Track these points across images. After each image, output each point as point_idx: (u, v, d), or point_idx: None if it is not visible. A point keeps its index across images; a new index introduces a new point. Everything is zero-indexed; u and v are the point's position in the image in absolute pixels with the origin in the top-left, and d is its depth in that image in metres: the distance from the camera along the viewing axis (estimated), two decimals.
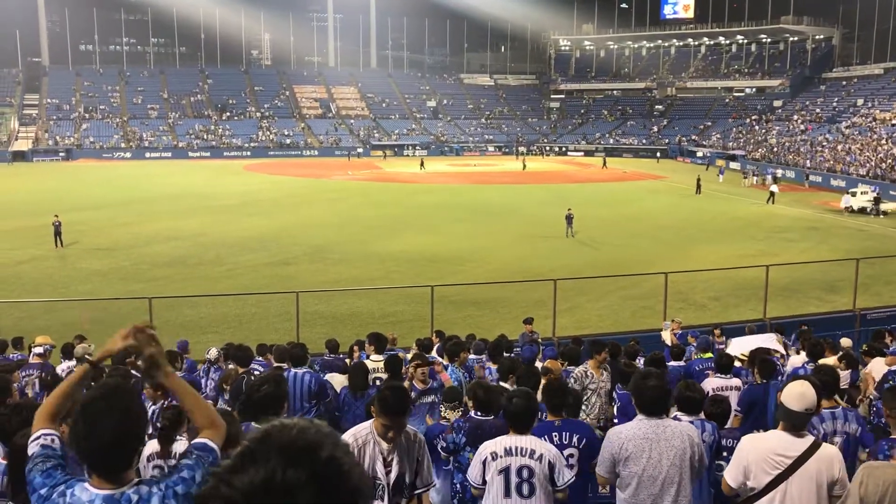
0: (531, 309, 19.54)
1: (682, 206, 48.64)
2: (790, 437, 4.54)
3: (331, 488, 1.37)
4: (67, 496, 2.85)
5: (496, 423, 6.24)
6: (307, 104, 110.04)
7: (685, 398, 6.19)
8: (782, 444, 4.52)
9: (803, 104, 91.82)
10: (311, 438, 1.42)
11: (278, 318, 20.17)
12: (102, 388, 2.95)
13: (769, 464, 4.49)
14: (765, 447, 4.57)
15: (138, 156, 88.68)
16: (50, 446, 3.05)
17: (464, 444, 6.12)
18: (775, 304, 20.63)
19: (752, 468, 4.55)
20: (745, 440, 4.77)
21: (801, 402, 4.55)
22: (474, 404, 6.43)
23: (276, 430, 1.43)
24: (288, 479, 1.34)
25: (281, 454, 1.38)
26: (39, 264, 29.08)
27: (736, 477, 4.61)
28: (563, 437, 5.92)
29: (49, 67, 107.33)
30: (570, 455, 5.83)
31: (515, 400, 5.32)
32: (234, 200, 48.45)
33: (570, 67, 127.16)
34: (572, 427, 6.06)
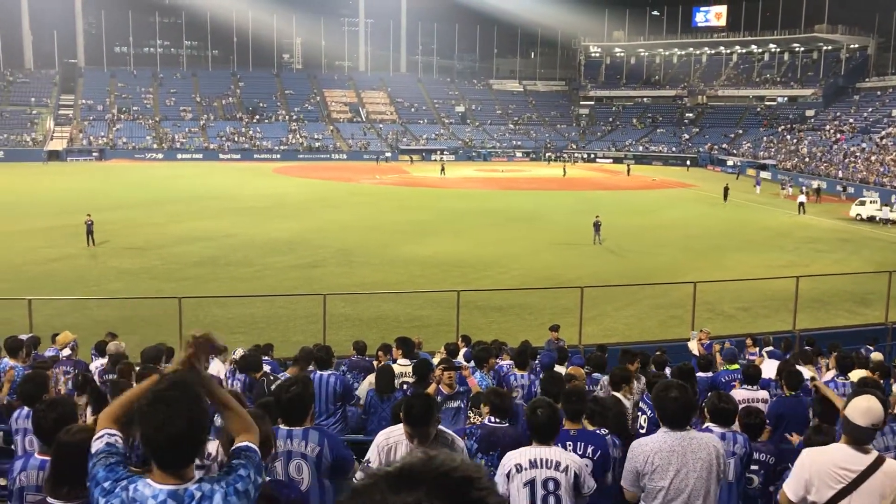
0: (557, 316, 19.51)
1: (712, 215, 48.23)
2: (854, 452, 4.48)
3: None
4: (130, 490, 2.91)
5: (509, 431, 6.23)
6: (337, 108, 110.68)
7: (718, 410, 6.13)
8: (846, 458, 4.45)
9: (836, 114, 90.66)
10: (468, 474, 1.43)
11: (305, 319, 20.30)
12: (172, 380, 3.02)
13: (833, 478, 4.42)
14: (828, 461, 4.50)
15: (170, 157, 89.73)
16: (114, 445, 3.13)
17: (476, 451, 6.12)
18: (805, 316, 20.40)
19: (814, 482, 4.47)
20: (806, 453, 4.68)
21: (866, 418, 4.48)
22: (490, 411, 6.46)
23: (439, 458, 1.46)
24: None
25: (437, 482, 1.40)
26: (72, 262, 29.52)
27: (796, 491, 4.53)
28: (578, 448, 5.79)
29: (84, 69, 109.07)
30: (585, 465, 5.79)
31: (540, 411, 5.25)
32: (264, 202, 48.84)
33: (600, 74, 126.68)
34: (588, 438, 5.96)
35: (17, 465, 4.79)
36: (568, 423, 5.93)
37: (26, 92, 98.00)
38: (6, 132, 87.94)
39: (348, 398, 8.83)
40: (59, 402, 4.93)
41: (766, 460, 6.66)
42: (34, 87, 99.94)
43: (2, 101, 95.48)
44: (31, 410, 6.24)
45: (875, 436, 4.74)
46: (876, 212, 46.79)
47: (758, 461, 6.57)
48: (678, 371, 9.86)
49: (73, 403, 5.20)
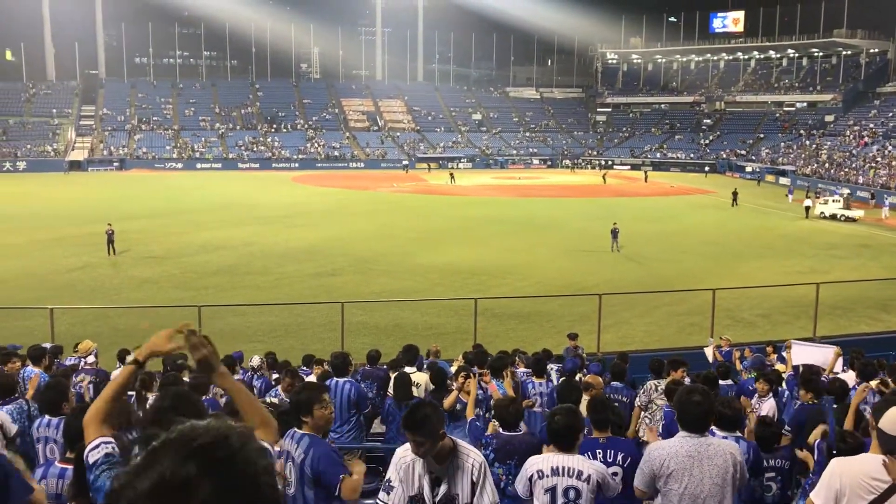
0: (575, 323, 19.45)
1: (730, 221, 47.94)
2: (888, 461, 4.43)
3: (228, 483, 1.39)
4: None
5: (525, 439, 6.24)
6: (354, 117, 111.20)
7: (719, 414, 6.12)
8: (878, 468, 4.41)
9: (856, 119, 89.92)
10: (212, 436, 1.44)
11: (323, 327, 20.38)
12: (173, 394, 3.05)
13: (864, 488, 4.36)
14: (859, 471, 4.43)
15: (189, 166, 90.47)
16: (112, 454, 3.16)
17: (492, 461, 6.13)
18: (825, 323, 20.21)
19: (845, 492, 4.41)
20: (836, 463, 4.61)
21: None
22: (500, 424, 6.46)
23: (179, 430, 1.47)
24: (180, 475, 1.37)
25: (177, 452, 1.40)
26: (92, 271, 29.81)
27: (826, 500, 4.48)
28: (608, 455, 5.83)
29: (105, 80, 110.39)
30: (615, 473, 5.77)
31: (558, 418, 5.25)
32: (282, 211, 49.10)
33: (617, 81, 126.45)
34: (617, 445, 5.99)
35: (38, 473, 4.84)
36: (596, 431, 5.94)
37: (48, 103, 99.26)
38: (29, 143, 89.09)
39: (362, 406, 8.85)
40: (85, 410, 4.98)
41: (781, 465, 6.60)
42: (56, 98, 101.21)
43: (24, 113, 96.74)
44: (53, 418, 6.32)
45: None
46: (837, 210, 49.49)
47: (774, 468, 6.52)
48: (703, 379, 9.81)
49: None
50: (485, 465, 4.73)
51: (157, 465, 1.39)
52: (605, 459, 5.78)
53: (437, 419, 4.56)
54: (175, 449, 1.41)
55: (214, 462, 1.40)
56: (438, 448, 4.58)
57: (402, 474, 4.73)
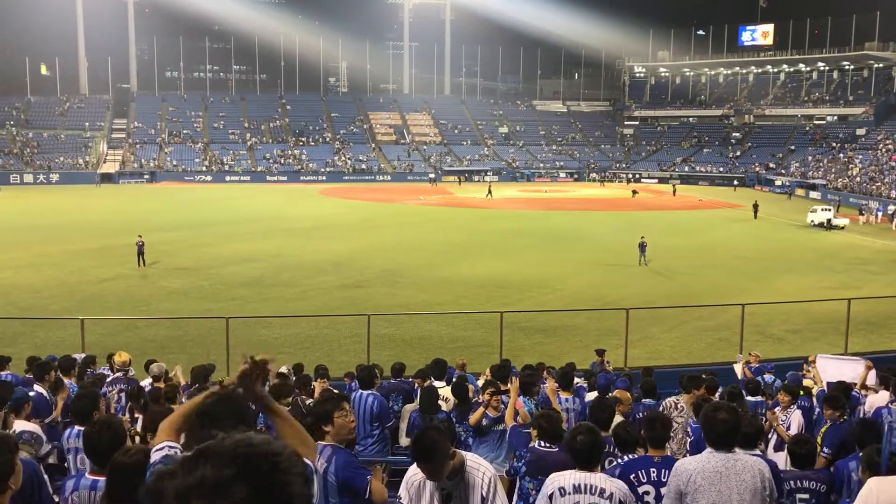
0: (602, 338, 19.34)
1: (759, 235, 47.45)
2: None
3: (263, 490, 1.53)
4: None
5: (560, 458, 6.18)
6: (382, 130, 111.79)
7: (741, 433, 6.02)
8: None
9: (888, 132, 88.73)
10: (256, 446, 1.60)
11: (350, 339, 20.43)
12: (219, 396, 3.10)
13: None
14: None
15: (218, 179, 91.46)
16: (172, 457, 3.21)
17: (524, 474, 6.09)
18: (857, 339, 19.92)
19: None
20: (872, 483, 4.56)
21: None
22: (538, 434, 6.40)
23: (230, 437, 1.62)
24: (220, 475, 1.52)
25: (222, 455, 1.56)
26: (123, 282, 30.16)
27: None
28: (662, 475, 5.68)
29: (137, 93, 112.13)
30: (646, 492, 5.71)
31: (580, 437, 5.22)
32: (309, 224, 49.39)
33: (644, 94, 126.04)
34: (671, 464, 5.91)
35: (69, 484, 4.88)
36: (652, 450, 5.86)
37: (81, 116, 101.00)
38: (62, 156, 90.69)
39: (385, 419, 8.81)
40: (112, 423, 5.02)
41: (817, 489, 6.47)
42: (88, 111, 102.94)
43: (58, 126, 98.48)
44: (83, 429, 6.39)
45: None
46: (822, 218, 51.03)
47: (808, 489, 6.39)
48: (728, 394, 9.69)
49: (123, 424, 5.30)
50: (495, 479, 4.70)
51: (202, 464, 1.54)
52: (658, 479, 5.68)
53: (443, 443, 4.53)
54: (220, 452, 1.57)
55: (253, 469, 1.55)
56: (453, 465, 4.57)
57: (412, 493, 4.73)
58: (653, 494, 5.68)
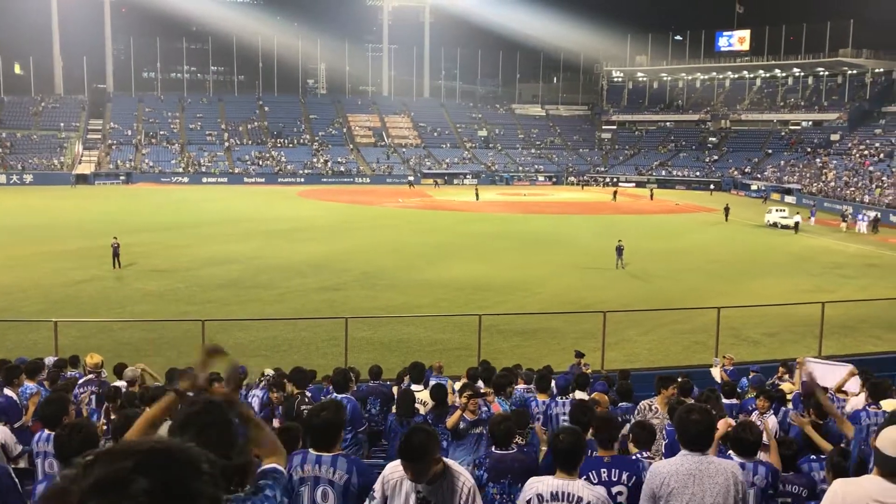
0: (580, 341, 19.40)
1: (736, 239, 47.88)
2: (888, 484, 4.38)
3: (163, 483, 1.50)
4: None
5: (518, 457, 6.20)
6: (360, 132, 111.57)
7: (739, 439, 6.04)
8: (881, 490, 4.35)
9: (862, 138, 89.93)
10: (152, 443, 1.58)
11: (327, 342, 20.34)
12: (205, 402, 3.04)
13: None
14: (862, 493, 4.39)
15: (195, 180, 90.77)
16: None
17: (486, 480, 6.07)
18: (831, 342, 20.14)
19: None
20: (839, 485, 4.58)
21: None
22: (493, 439, 6.43)
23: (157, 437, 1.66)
24: (117, 471, 1.49)
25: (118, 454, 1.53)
26: (98, 284, 29.84)
27: None
28: (612, 474, 5.75)
29: (113, 94, 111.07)
30: (619, 493, 5.70)
31: (563, 437, 5.20)
32: (287, 226, 49.16)
33: (622, 98, 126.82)
34: (622, 464, 5.91)
35: (39, 489, 4.80)
36: (601, 450, 5.87)
37: (56, 117, 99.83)
38: (36, 156, 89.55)
39: (357, 424, 8.72)
40: (82, 426, 4.95)
41: (798, 493, 6.50)
42: (63, 111, 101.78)
43: (32, 126, 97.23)
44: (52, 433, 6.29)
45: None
46: (780, 219, 54.81)
47: (790, 493, 6.42)
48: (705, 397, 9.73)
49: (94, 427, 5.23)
50: (475, 489, 4.68)
51: (100, 464, 1.51)
52: (609, 479, 5.71)
53: (433, 445, 4.51)
54: (118, 451, 1.55)
55: (152, 463, 1.51)
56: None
57: (388, 490, 4.70)
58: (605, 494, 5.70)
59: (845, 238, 50.15)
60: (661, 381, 9.75)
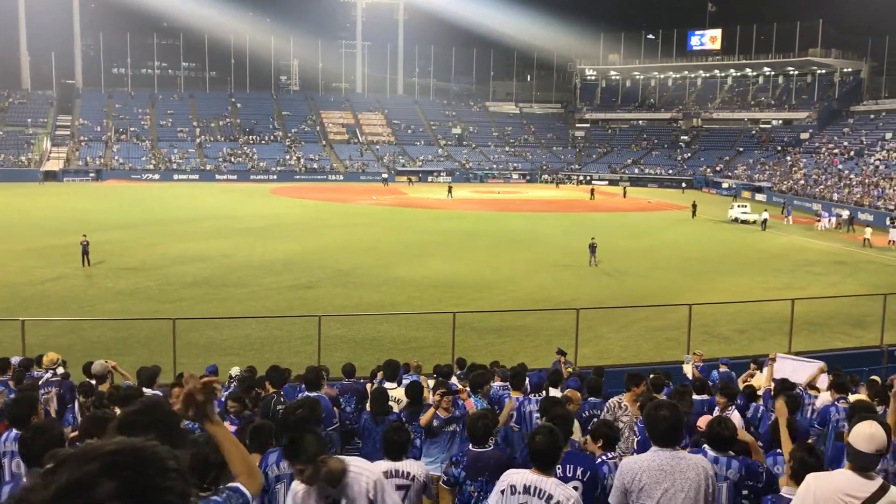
0: (554, 338, 19.46)
1: (707, 237, 48.33)
2: (859, 479, 4.44)
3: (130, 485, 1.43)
4: None
5: (494, 454, 6.21)
6: (334, 129, 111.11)
7: (715, 434, 6.08)
8: (852, 484, 4.41)
9: (831, 137, 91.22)
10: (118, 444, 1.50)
11: (300, 341, 20.22)
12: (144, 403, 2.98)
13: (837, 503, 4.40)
14: (833, 487, 4.45)
15: (166, 177, 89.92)
16: None
17: (464, 478, 6.07)
18: (801, 338, 20.37)
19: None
20: (811, 478, 4.64)
21: (871, 444, 4.45)
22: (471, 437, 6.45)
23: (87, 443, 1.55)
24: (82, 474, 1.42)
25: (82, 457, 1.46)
26: (67, 283, 29.42)
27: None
28: (567, 470, 5.80)
29: (82, 90, 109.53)
30: (574, 488, 5.73)
31: (538, 437, 5.21)
32: (260, 223, 48.82)
33: (595, 97, 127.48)
34: (576, 459, 5.95)
35: (5, 490, 4.72)
36: None
37: (23, 113, 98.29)
38: (3, 153, 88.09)
39: (326, 422, 8.66)
40: (47, 427, 4.86)
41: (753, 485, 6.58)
42: (31, 107, 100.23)
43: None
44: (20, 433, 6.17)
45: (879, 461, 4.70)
46: (740, 214, 57.14)
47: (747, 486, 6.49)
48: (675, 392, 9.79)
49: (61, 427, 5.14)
50: (381, 482, 4.70)
51: (63, 470, 1.43)
52: (563, 475, 5.76)
53: (314, 445, 4.50)
54: (80, 455, 1.46)
55: (117, 464, 1.44)
56: (330, 471, 4.51)
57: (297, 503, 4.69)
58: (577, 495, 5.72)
59: (815, 235, 50.83)
60: (630, 378, 9.80)
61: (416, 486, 6.01)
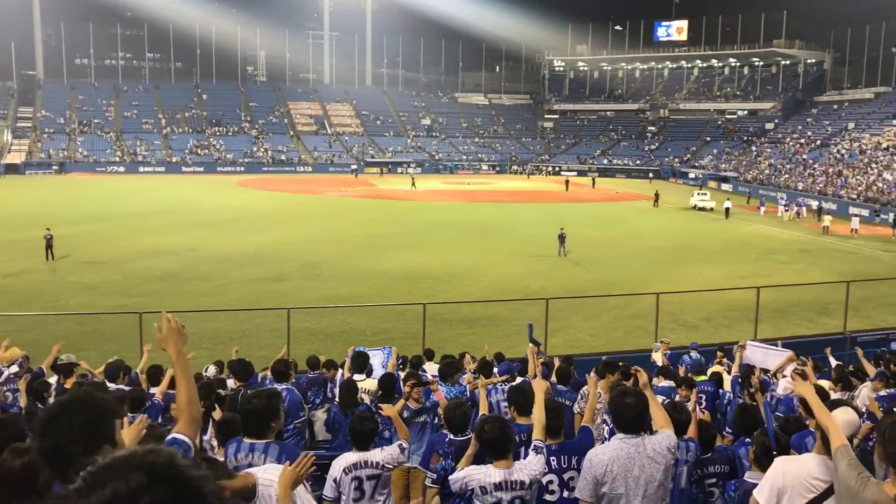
0: (524, 328, 19.50)
1: (674, 226, 48.81)
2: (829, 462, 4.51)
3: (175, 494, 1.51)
4: None
5: None
6: (302, 120, 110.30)
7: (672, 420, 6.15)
8: (820, 468, 4.47)
9: (795, 127, 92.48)
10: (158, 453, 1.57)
11: (269, 334, 20.08)
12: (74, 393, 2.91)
13: (805, 487, 4.43)
14: (802, 471, 4.50)
15: (132, 170, 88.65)
16: None
17: (453, 469, 6.07)
18: (766, 326, 20.66)
19: (787, 491, 4.48)
20: (779, 462, 4.69)
21: (848, 430, 4.52)
22: (449, 426, 6.43)
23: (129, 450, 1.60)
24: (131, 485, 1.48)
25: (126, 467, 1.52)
26: (30, 277, 28.93)
27: (769, 500, 4.52)
28: (562, 461, 5.81)
29: (44, 81, 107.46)
30: (571, 478, 5.75)
31: (487, 426, 5.21)
32: (227, 216, 48.37)
33: (564, 88, 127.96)
34: (570, 449, 5.98)
35: None
36: (549, 438, 5.89)
37: None
38: None
39: (293, 415, 8.62)
40: (9, 422, 4.77)
41: (721, 471, 6.67)
42: None
43: None
44: None
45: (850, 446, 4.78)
46: (699, 202, 59.40)
47: (714, 473, 6.57)
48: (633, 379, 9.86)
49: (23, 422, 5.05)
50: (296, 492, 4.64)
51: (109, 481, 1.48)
52: (559, 465, 5.77)
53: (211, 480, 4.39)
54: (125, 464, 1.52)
55: (161, 474, 1.51)
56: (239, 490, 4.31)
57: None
58: (556, 482, 5.74)
59: (780, 224, 51.54)
60: (605, 366, 9.87)
61: (386, 476, 6.00)
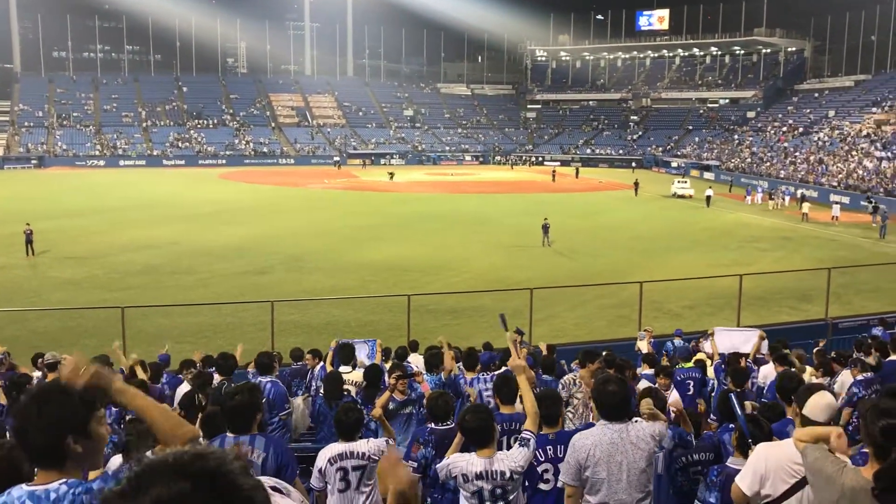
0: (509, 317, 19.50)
1: (656, 215, 49.01)
2: None
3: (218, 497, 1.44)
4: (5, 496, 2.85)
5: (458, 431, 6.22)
6: (283, 112, 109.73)
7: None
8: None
9: (776, 115, 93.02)
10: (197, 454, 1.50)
11: (253, 327, 19.99)
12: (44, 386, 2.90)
13: (787, 472, 4.46)
14: (784, 456, 4.53)
15: (112, 164, 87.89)
16: None
17: (434, 457, 6.07)
18: (748, 313, 20.79)
19: (769, 476, 4.51)
20: (760, 448, 4.72)
21: (826, 413, 4.57)
22: (432, 415, 6.44)
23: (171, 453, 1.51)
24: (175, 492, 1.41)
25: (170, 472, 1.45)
26: (10, 273, 28.66)
27: (751, 485, 4.54)
28: (559, 450, 5.76)
29: (21, 74, 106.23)
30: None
31: (469, 416, 5.22)
32: (209, 209, 48.08)
33: (546, 78, 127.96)
34: (567, 439, 5.97)
35: None
36: (546, 427, 5.88)
37: None
38: None
39: (277, 408, 8.59)
40: None
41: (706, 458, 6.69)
42: None
43: None
44: None
45: None
46: (678, 189, 60.66)
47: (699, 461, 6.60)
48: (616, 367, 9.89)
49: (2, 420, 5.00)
50: None
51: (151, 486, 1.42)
52: (556, 455, 5.76)
53: None
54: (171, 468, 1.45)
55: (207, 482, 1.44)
56: None
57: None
58: (552, 471, 5.74)
59: (761, 212, 51.85)
60: (586, 355, 9.89)
61: (371, 466, 5.99)
